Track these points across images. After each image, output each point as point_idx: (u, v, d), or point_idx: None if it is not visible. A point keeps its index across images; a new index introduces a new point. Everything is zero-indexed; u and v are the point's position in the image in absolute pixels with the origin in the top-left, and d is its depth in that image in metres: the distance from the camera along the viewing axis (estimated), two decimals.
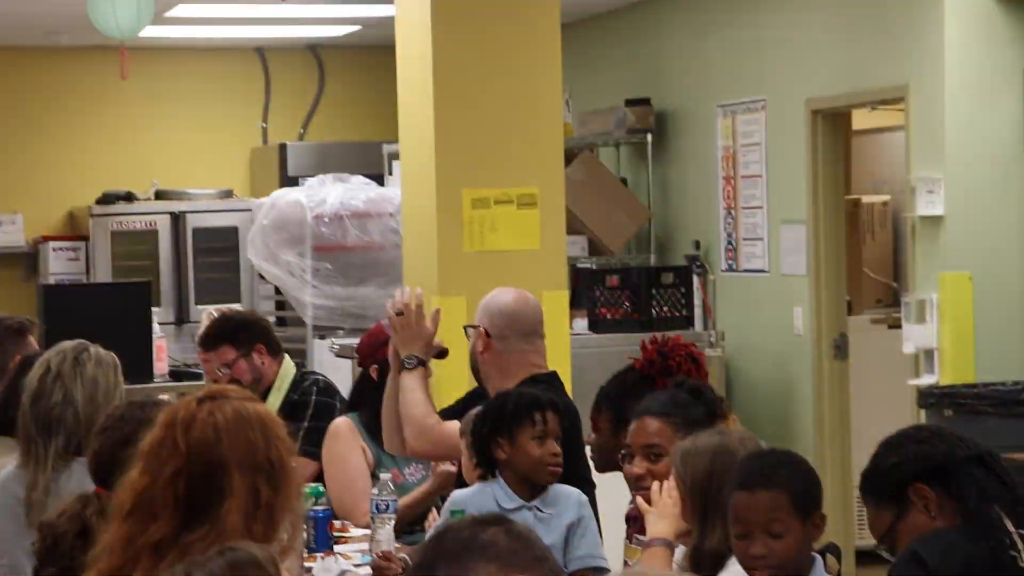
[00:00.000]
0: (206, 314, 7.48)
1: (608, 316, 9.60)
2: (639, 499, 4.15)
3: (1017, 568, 3.38)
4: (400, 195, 8.00)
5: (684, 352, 5.15)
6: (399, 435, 5.29)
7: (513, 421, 4.64)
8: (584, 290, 9.95)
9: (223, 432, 3.22)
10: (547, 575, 2.57)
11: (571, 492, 4.70)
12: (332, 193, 9.58)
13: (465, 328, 5.48)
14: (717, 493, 3.72)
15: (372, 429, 5.75)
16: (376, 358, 5.90)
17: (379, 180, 10.25)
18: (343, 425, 5.93)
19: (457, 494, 4.80)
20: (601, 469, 4.98)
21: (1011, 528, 3.41)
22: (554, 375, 5.42)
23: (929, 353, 8.19)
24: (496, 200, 7.36)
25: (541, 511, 4.65)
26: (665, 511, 3.97)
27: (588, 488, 5.08)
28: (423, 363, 5.27)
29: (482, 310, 5.40)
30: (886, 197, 10.02)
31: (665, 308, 9.60)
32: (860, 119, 10.11)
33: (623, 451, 4.38)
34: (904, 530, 3.56)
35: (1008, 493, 3.52)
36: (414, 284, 7.51)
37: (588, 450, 5.12)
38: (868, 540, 9.17)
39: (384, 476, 5.14)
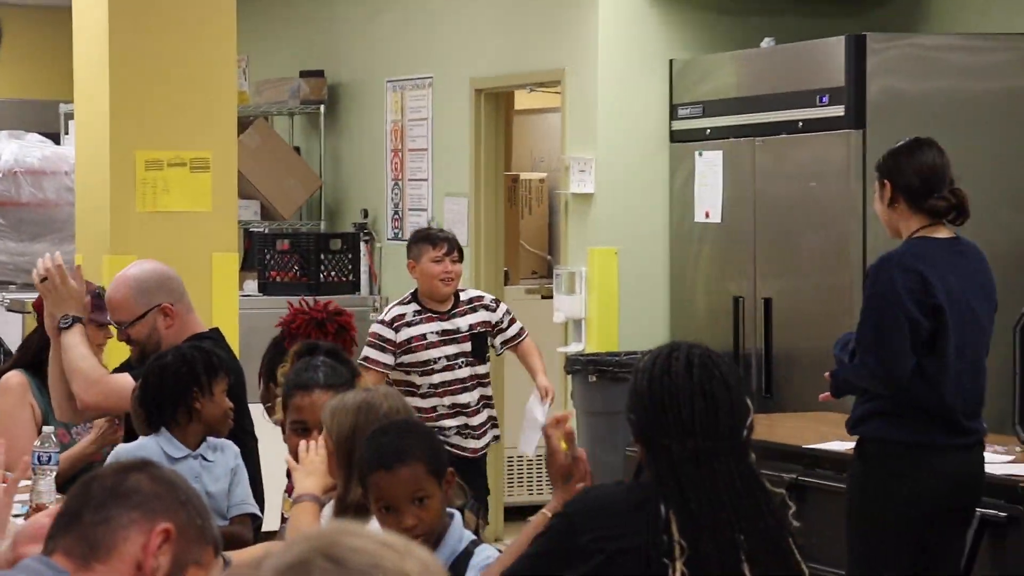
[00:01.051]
0: None
1: (278, 279, 9.61)
2: (288, 457, 4.18)
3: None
4: (75, 154, 7.87)
5: (346, 319, 5.27)
6: (69, 401, 5.17)
7: (211, 375, 4.66)
8: (255, 253, 9.93)
9: None
10: (191, 518, 2.57)
11: (225, 442, 4.75)
12: (6, 149, 9.35)
13: (120, 328, 5.24)
14: (356, 446, 3.75)
15: (43, 386, 5.62)
16: None
17: (55, 139, 10.05)
18: (14, 381, 5.74)
19: (120, 448, 4.78)
20: None
21: (676, 534, 3.18)
22: (217, 331, 5.40)
23: (577, 322, 8.41)
24: (169, 163, 7.31)
25: (207, 459, 4.69)
26: (312, 468, 4.00)
27: (251, 440, 5.11)
28: (79, 320, 5.18)
29: (142, 294, 5.18)
30: (543, 174, 10.23)
31: (333, 273, 9.65)
32: (521, 100, 10.29)
33: (293, 423, 4.35)
34: None
35: (711, 497, 3.22)
36: (87, 242, 7.43)
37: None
38: (516, 497, 9.41)
39: (47, 429, 5.05)
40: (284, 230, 10.17)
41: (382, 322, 6.76)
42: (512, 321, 6.98)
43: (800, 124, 7.61)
